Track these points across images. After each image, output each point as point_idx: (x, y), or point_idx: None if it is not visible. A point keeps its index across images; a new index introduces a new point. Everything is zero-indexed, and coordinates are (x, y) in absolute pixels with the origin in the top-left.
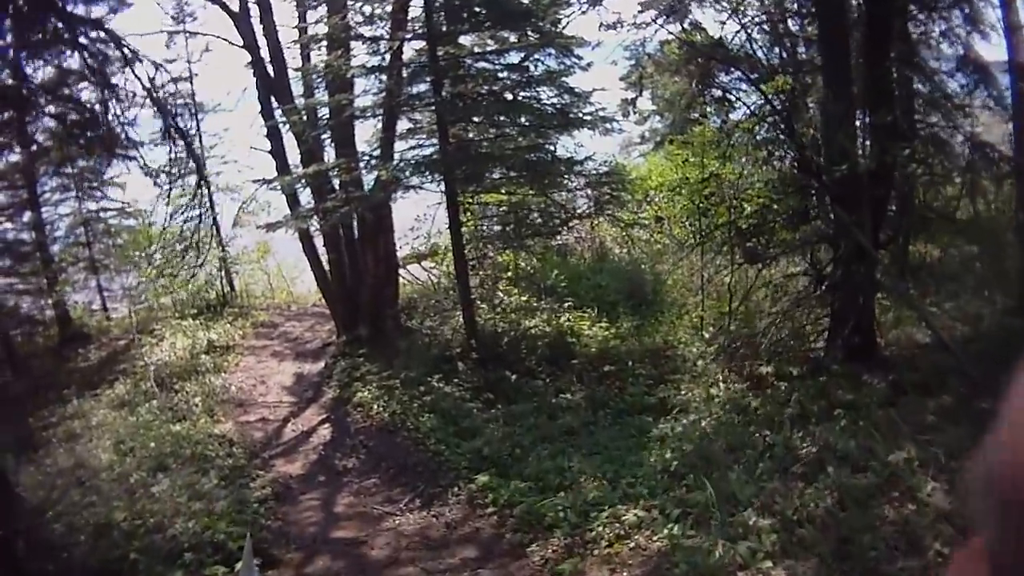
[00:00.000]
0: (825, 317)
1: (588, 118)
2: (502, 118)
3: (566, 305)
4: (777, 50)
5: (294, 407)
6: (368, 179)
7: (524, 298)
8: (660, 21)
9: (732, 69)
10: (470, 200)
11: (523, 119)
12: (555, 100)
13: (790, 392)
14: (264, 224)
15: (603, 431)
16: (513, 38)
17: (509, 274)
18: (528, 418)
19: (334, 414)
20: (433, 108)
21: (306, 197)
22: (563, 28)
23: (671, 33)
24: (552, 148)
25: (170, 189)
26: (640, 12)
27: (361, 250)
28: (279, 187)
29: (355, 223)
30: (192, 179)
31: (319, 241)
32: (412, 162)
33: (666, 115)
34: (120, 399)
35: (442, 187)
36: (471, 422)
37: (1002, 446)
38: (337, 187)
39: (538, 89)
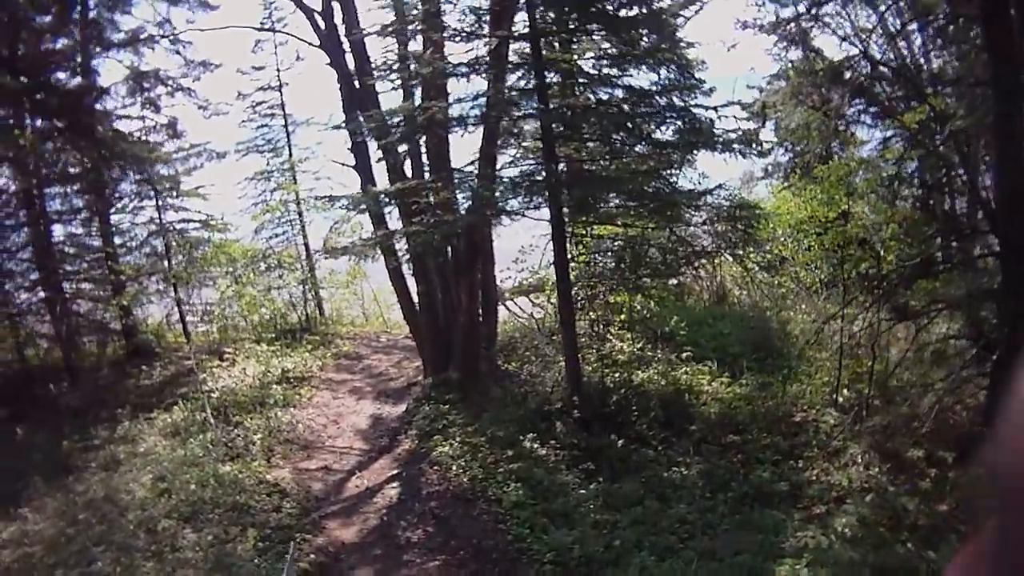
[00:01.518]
0: (984, 389)
1: (718, 139)
2: (618, 136)
3: (684, 355)
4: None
5: (364, 456)
6: (464, 202)
7: (638, 346)
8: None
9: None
10: (582, 232)
11: (643, 138)
12: (676, 120)
13: (945, 484)
14: (327, 249)
15: (723, 526)
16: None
17: (622, 317)
18: (634, 503)
19: (407, 470)
20: (538, 118)
21: (396, 221)
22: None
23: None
24: (675, 174)
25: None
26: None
27: (455, 282)
28: (366, 208)
29: (449, 251)
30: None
31: (408, 269)
32: (512, 181)
33: (790, 147)
34: (174, 427)
35: (548, 214)
36: (564, 501)
37: (1006, 443)
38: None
39: (659, 102)
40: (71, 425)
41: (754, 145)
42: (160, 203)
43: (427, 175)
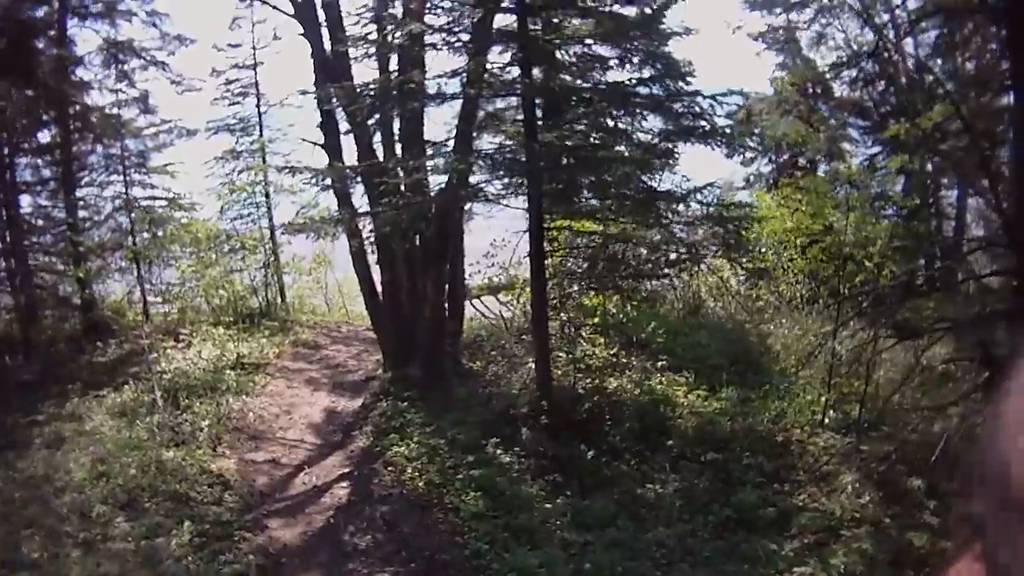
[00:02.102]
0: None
1: (714, 130)
2: (604, 121)
3: (660, 364)
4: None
5: (315, 451)
6: (436, 187)
7: (611, 351)
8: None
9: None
10: (560, 224)
11: (630, 126)
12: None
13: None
14: (287, 226)
15: (705, 553)
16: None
17: (595, 320)
18: (606, 522)
19: (359, 470)
20: (519, 97)
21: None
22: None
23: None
24: (659, 172)
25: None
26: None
27: (422, 272)
28: (330, 184)
29: (417, 239)
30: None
31: (374, 256)
32: (491, 159)
33: (773, 157)
34: (122, 407)
35: (526, 204)
36: (529, 516)
37: (1001, 446)
38: (402, 190)
39: (649, 89)
40: (21, 400)
41: (749, 139)
42: (128, 178)
43: (399, 154)
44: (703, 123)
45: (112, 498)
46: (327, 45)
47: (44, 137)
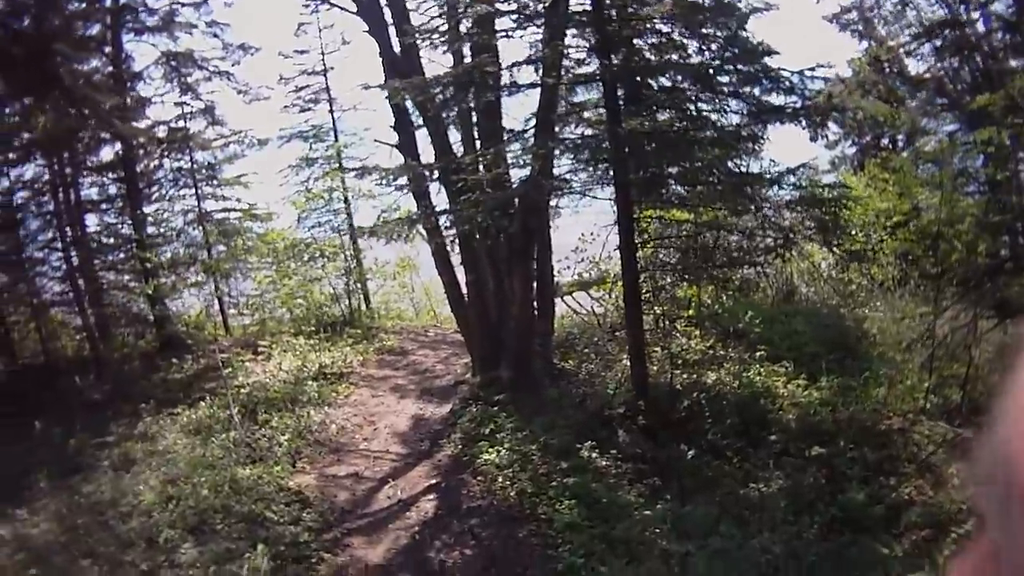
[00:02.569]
0: None
1: (796, 108)
2: (690, 107)
3: (758, 355)
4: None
5: (400, 462)
6: (519, 179)
7: (707, 344)
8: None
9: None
10: (650, 214)
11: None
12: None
13: None
14: (362, 230)
15: (811, 557)
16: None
17: (690, 313)
18: (708, 529)
19: (447, 480)
20: (600, 81)
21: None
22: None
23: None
24: (747, 156)
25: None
26: None
27: (507, 271)
28: (405, 183)
29: (501, 237)
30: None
31: (457, 256)
32: (573, 144)
33: (856, 139)
34: (197, 424)
35: (612, 195)
36: (628, 526)
37: (1007, 439)
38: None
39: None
40: (91, 420)
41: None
42: (199, 191)
43: (478, 148)
44: (793, 98)
45: (181, 522)
46: (395, 41)
47: (107, 154)
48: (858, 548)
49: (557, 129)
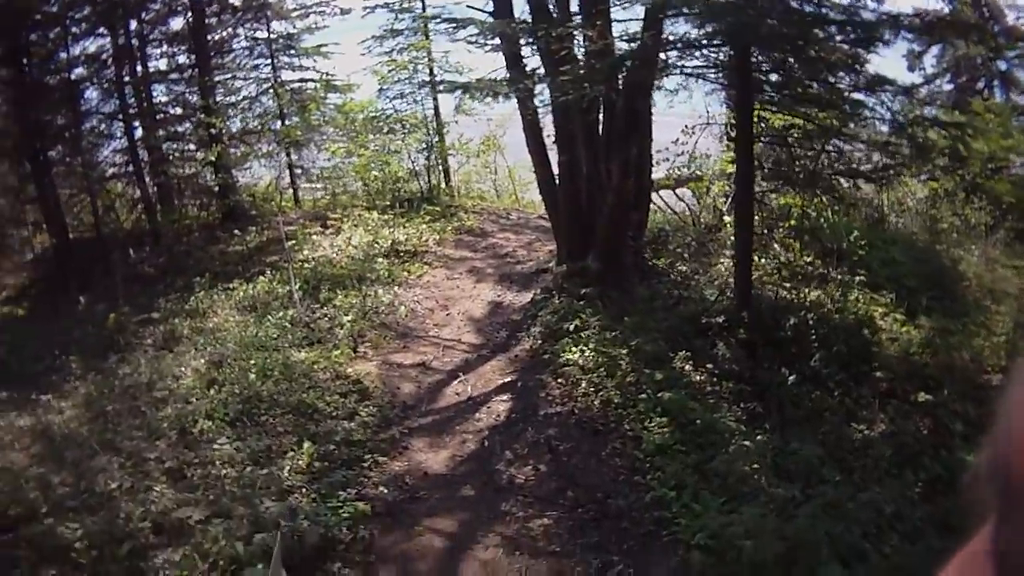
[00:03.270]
0: None
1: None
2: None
3: (856, 279)
4: None
5: (473, 353)
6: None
7: (806, 259)
8: None
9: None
10: (770, 109)
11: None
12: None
13: None
14: (452, 86)
15: (915, 520)
16: None
17: (791, 223)
18: (812, 469)
19: (524, 379)
20: None
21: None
22: None
23: None
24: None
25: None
26: None
27: (605, 155)
28: (499, 39)
29: (600, 116)
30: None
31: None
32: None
33: (953, 77)
34: (254, 300)
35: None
36: (727, 459)
37: (1007, 434)
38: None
39: None
40: (140, 295)
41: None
42: (275, 61)
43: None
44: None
45: (221, 410)
46: None
47: (178, 24)
48: (962, 514)
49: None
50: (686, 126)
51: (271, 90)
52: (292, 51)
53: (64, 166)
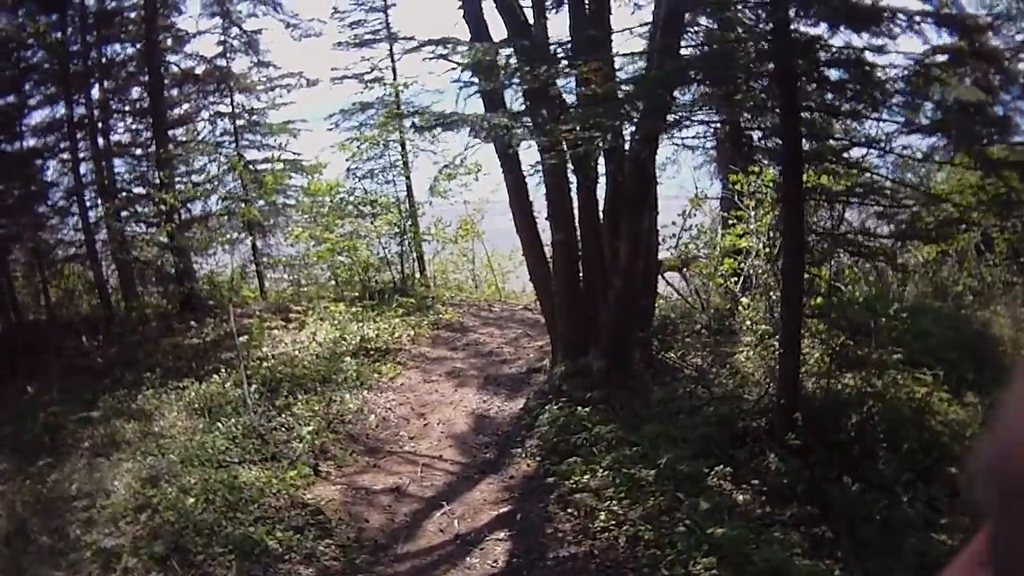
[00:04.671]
0: None
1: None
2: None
3: (894, 358)
4: None
5: (457, 475)
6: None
7: (836, 341)
8: None
9: None
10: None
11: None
12: None
13: None
14: (417, 117)
15: None
16: None
17: (818, 300)
18: None
19: (524, 510)
20: None
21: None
22: None
23: None
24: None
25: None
26: None
27: (609, 229)
28: (476, 69)
29: (602, 181)
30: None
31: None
32: (714, 54)
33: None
34: (206, 402)
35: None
36: None
37: (1005, 436)
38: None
39: None
40: (84, 388)
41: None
42: (239, 139)
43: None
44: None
45: (150, 544)
46: None
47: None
48: None
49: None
50: (692, 197)
51: (232, 170)
52: (257, 127)
53: (19, 243)
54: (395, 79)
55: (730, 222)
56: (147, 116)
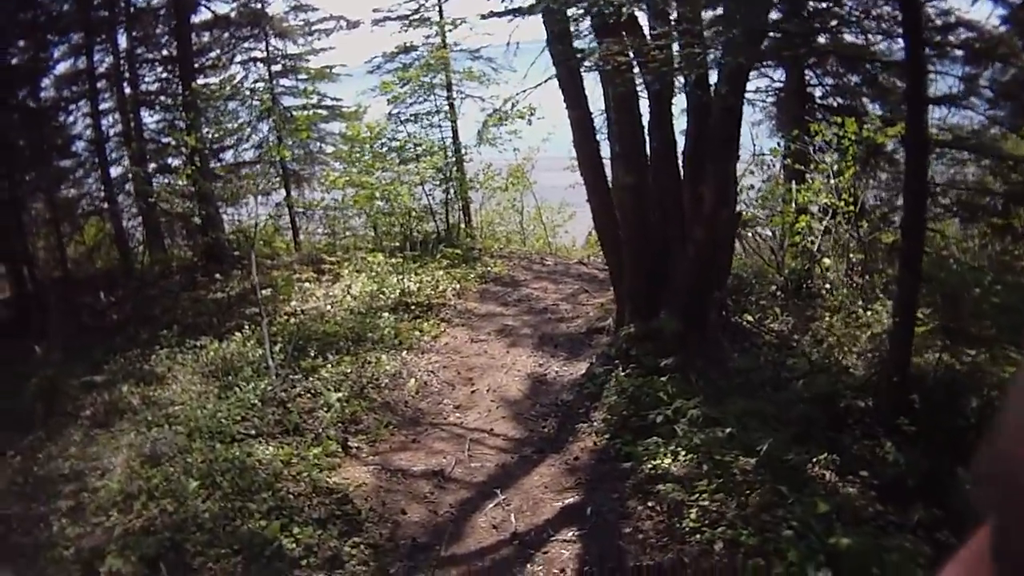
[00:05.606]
0: None
1: None
2: None
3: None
4: None
5: (512, 453)
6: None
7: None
8: None
9: None
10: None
11: None
12: None
13: None
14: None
15: None
16: None
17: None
18: None
19: (594, 502)
20: None
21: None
22: None
23: None
24: None
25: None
26: None
27: (690, 177)
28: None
29: (685, 122)
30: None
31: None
32: None
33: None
34: (224, 363)
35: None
36: None
37: (1006, 439)
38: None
39: None
40: (96, 348)
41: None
42: (274, 84)
43: None
44: None
45: (140, 542)
46: None
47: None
48: None
49: None
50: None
51: (270, 117)
52: (294, 73)
53: (40, 198)
54: (442, 20)
55: (808, 176)
56: (177, 64)
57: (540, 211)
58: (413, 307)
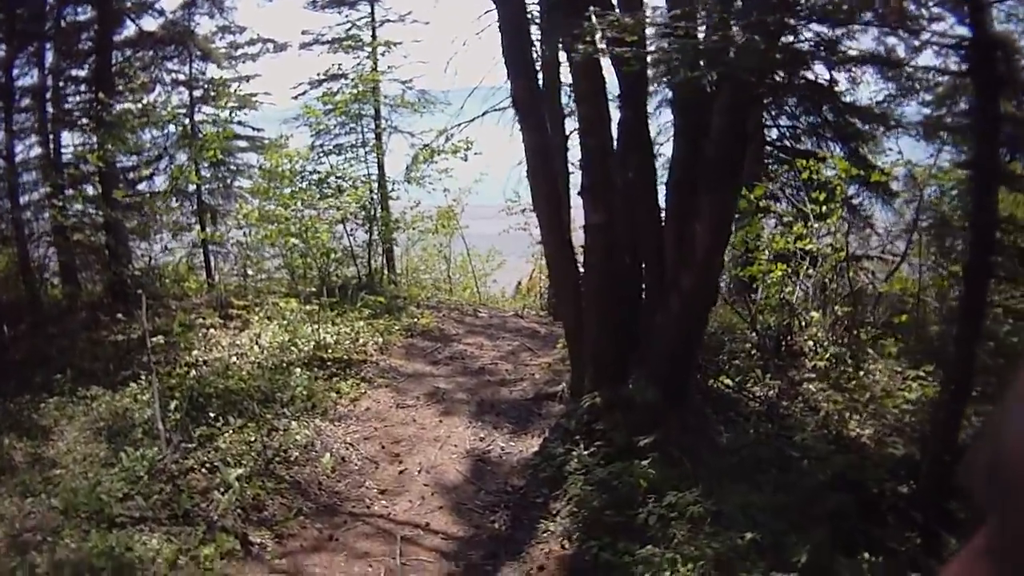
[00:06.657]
0: None
1: None
2: None
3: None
4: None
5: (455, 558)
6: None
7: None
8: None
9: None
10: None
11: None
12: None
13: None
14: None
15: None
16: None
17: (902, 319)
18: None
19: None
20: None
21: None
22: None
23: None
24: None
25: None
26: None
27: (675, 212)
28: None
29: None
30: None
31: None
32: None
33: None
34: (112, 420)
35: None
36: None
37: (1006, 433)
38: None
39: None
40: None
41: None
42: (194, 110)
43: None
44: None
45: None
46: None
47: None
48: None
49: None
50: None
51: (189, 147)
52: (215, 100)
53: None
54: (375, 40)
55: (785, 219)
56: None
57: (468, 258)
58: (329, 363)
